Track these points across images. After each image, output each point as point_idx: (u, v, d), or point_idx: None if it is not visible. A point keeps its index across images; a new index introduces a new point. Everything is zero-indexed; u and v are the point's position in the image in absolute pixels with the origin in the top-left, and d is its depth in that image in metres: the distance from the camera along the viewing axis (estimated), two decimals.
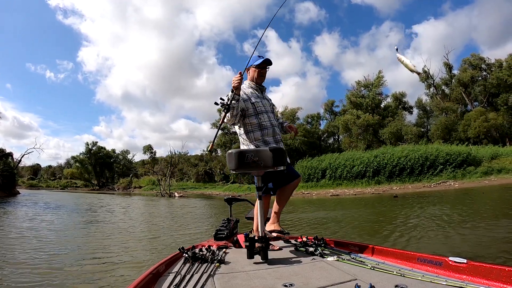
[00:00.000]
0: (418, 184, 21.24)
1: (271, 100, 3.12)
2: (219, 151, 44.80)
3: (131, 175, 63.46)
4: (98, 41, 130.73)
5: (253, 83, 2.95)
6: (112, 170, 70.05)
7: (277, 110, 5.66)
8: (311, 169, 28.03)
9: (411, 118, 37.00)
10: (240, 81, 2.57)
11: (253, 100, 2.82)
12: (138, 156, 75.11)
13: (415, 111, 36.99)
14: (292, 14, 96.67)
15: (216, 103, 2.65)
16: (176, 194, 35.32)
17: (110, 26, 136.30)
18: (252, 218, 3.12)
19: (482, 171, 21.02)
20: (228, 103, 2.57)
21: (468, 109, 34.22)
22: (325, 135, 43.06)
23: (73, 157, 71.09)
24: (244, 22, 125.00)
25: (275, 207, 2.90)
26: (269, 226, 2.82)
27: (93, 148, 67.40)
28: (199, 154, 56.74)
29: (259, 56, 2.89)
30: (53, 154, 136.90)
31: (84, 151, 67.61)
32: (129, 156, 72.33)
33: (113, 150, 71.14)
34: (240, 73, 2.59)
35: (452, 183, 20.14)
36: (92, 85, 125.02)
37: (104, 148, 69.54)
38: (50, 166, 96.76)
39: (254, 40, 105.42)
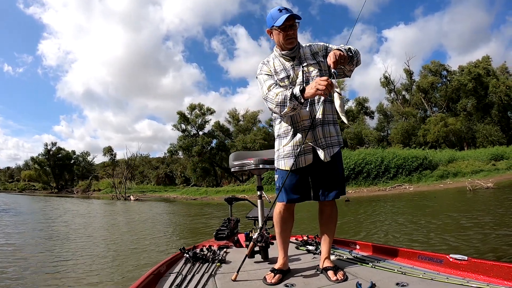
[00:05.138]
0: (374, 188, 20.50)
1: (318, 54, 2.07)
2: (180, 153, 42.87)
3: (90, 178, 60.15)
4: (60, 33, 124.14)
5: (281, 51, 2.07)
6: (71, 172, 66.13)
7: (342, 48, 1.84)
8: (268, 172, 26.74)
9: (372, 123, 37.13)
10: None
11: (281, 76, 2.04)
12: (100, 158, 71.50)
13: (376, 115, 37.06)
14: (264, 10, 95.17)
15: None
16: (132, 198, 34.01)
17: (73, 17, 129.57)
18: (252, 218, 3.09)
19: (438, 175, 20.86)
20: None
21: (427, 114, 34.52)
22: None
23: (32, 158, 66.47)
24: (215, 17, 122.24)
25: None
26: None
27: (52, 149, 63.21)
28: (161, 157, 54.86)
29: (279, 11, 1.97)
30: (12, 154, 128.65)
31: (42, 152, 63.24)
32: (89, 158, 68.71)
33: (73, 152, 67.15)
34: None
35: (407, 187, 19.66)
36: (52, 81, 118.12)
37: (64, 149, 65.44)
38: (8, 168, 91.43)
39: (223, 37, 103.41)
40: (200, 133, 39.75)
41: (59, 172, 64.17)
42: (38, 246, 7.46)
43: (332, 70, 1.80)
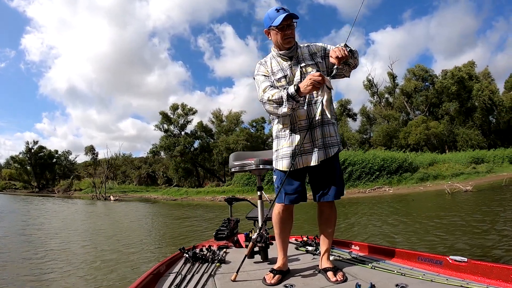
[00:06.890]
0: (354, 190, 20.18)
1: (317, 55, 2.06)
2: (162, 153, 41.92)
3: (71, 177, 58.68)
4: (44, 27, 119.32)
5: (279, 51, 2.05)
6: (53, 172, 64.17)
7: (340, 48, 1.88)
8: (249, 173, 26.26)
9: (355, 125, 37.23)
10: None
11: (278, 76, 2.02)
12: (82, 157, 69.86)
13: (359, 118, 37.05)
14: (252, 9, 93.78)
15: None
16: (112, 198, 33.06)
17: (58, 10, 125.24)
18: (252, 218, 3.12)
19: (418, 177, 20.77)
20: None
21: (410, 118, 34.64)
22: (269, 140, 40.88)
23: (12, 157, 64.53)
24: (203, 15, 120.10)
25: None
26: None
27: (34, 147, 61.33)
28: (144, 157, 53.79)
29: (277, 10, 1.94)
30: None
31: (23, 151, 61.30)
32: (71, 157, 66.86)
33: (56, 151, 65.29)
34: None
35: (387, 189, 19.42)
36: (35, 77, 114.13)
37: (45, 148, 63.54)
38: None
39: (210, 35, 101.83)
40: (182, 133, 38.97)
41: (40, 171, 62.17)
42: (17, 251, 6.99)
43: (335, 66, 1.81)
